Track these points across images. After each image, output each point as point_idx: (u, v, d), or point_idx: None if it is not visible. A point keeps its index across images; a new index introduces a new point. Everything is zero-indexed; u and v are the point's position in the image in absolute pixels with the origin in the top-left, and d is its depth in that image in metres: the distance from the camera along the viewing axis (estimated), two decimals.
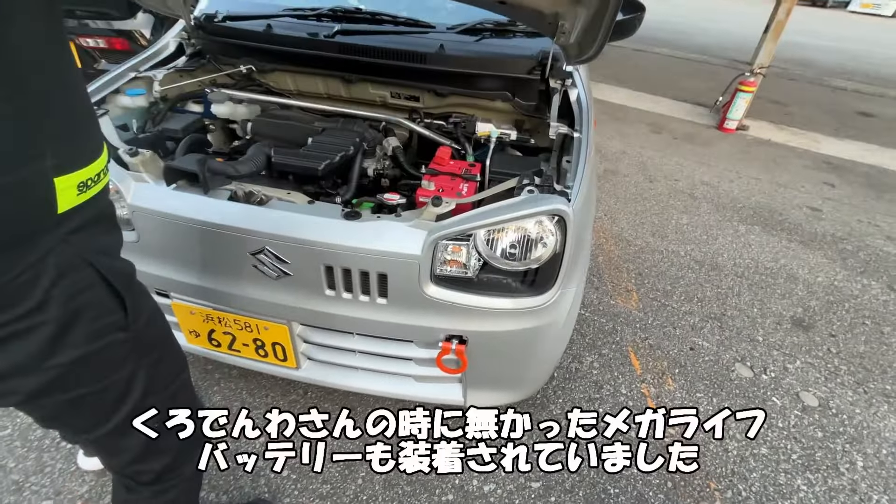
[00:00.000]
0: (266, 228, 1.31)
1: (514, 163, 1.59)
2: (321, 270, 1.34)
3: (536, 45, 1.82)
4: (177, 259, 1.48)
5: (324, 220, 1.31)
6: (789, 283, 2.85)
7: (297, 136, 1.65)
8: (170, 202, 1.36)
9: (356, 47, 1.70)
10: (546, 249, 1.31)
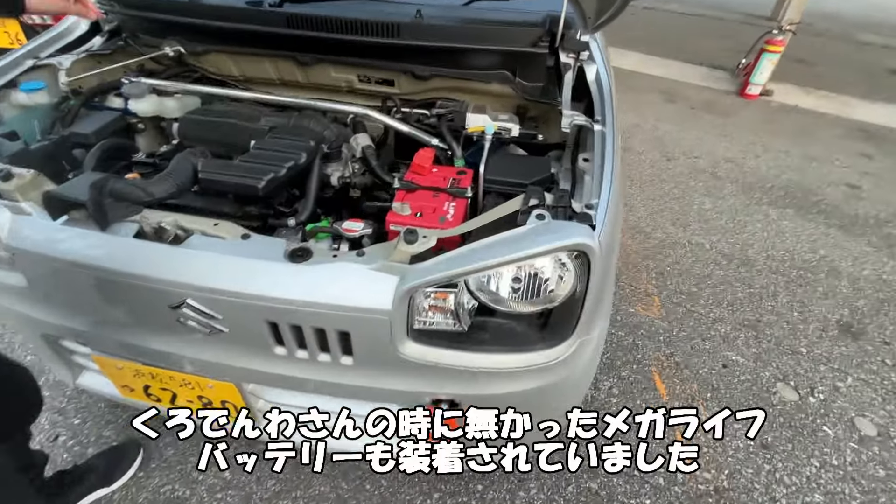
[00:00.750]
0: (184, 277, 0.97)
1: (516, 166, 1.22)
2: (264, 327, 1.01)
3: (541, 6, 1.41)
4: (82, 309, 1.16)
5: (261, 263, 0.97)
6: (832, 279, 2.50)
7: (238, 138, 1.28)
8: (57, 242, 1.02)
9: (309, 19, 1.30)
10: (563, 285, 0.98)
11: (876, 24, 8.51)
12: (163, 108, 1.43)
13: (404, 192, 1.12)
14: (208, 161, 1.16)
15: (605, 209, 1.00)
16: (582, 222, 0.95)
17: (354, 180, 1.36)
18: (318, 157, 1.26)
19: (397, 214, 1.03)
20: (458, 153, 1.27)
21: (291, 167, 1.16)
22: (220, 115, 1.32)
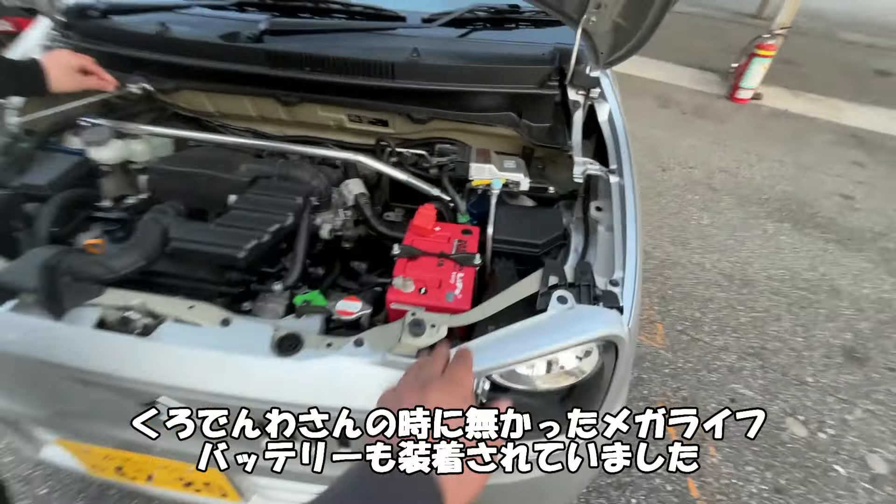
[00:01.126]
0: (154, 375, 0.85)
1: (526, 223, 1.11)
2: (249, 425, 0.88)
3: (547, 39, 1.30)
4: (40, 400, 1.02)
5: (244, 359, 0.84)
6: (833, 300, 2.47)
7: (215, 191, 1.15)
8: (3, 335, 0.88)
9: (291, 57, 1.16)
10: (585, 364, 0.88)
11: (860, 22, 8.57)
12: (130, 152, 1.28)
13: (405, 259, 1.00)
14: (180, 225, 1.03)
15: (634, 286, 0.90)
16: (609, 304, 0.85)
17: (346, 233, 1.24)
18: (307, 211, 1.14)
19: (399, 292, 0.92)
20: (462, 208, 1.15)
21: (277, 231, 1.03)
22: (194, 163, 1.18)
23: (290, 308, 1.10)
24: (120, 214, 1.19)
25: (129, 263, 0.95)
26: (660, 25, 1.04)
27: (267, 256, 1.11)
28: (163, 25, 1.21)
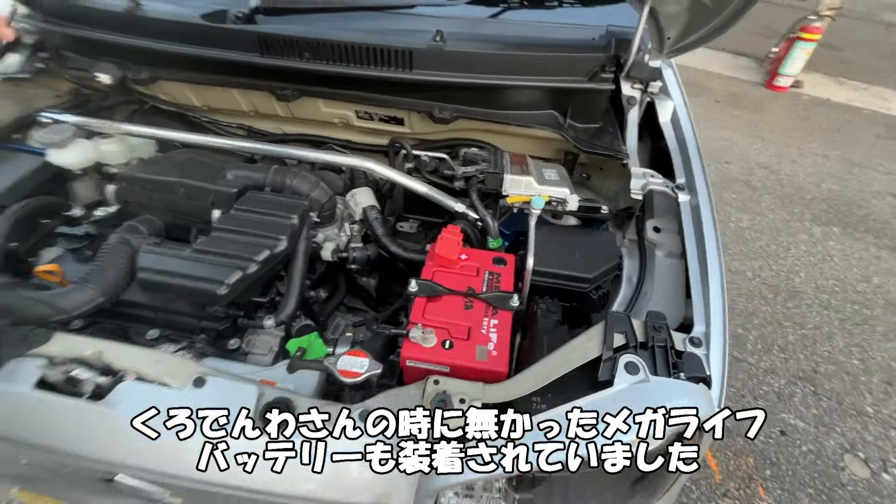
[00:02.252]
0: (109, 452, 0.67)
1: (571, 248, 0.90)
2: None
3: (601, 20, 1.06)
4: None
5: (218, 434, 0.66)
6: (890, 315, 2.22)
7: (195, 205, 0.96)
8: None
9: (290, 41, 0.95)
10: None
11: None
12: (100, 154, 1.09)
13: (424, 300, 0.80)
14: (150, 251, 0.84)
15: (722, 349, 0.69)
16: (691, 374, 0.65)
17: (353, 254, 1.04)
18: (305, 233, 0.94)
19: (416, 346, 0.72)
20: (494, 231, 0.94)
21: (267, 260, 0.84)
22: (172, 170, 0.98)
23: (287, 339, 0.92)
24: (85, 230, 1.01)
25: (83, 301, 0.77)
26: (753, 6, 0.81)
27: (256, 285, 0.92)
28: (134, 1, 1.00)
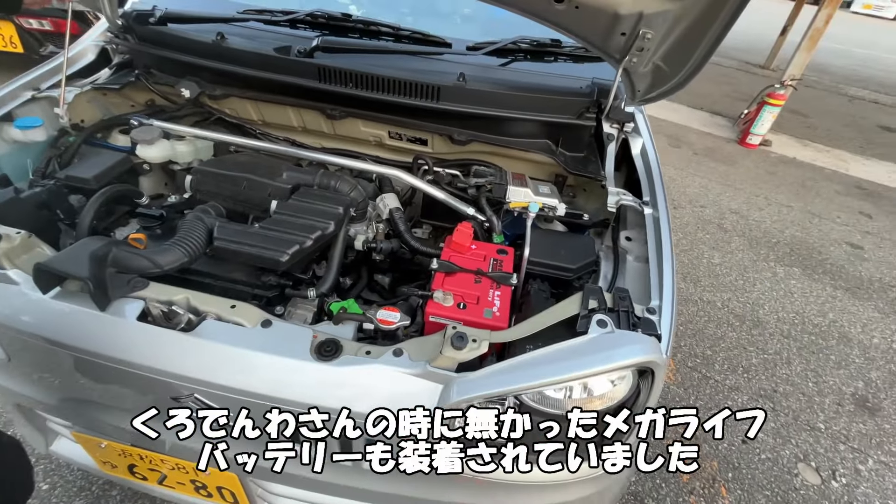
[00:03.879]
0: (193, 372, 0.85)
1: (560, 248, 1.13)
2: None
3: (586, 73, 1.35)
4: (68, 389, 1.02)
5: (284, 361, 0.85)
6: (843, 347, 2.47)
7: (257, 195, 1.17)
8: (46, 321, 0.89)
9: (342, 73, 1.21)
10: (619, 389, 0.89)
11: (864, 78, 8.85)
12: (174, 153, 1.31)
13: (443, 274, 1.01)
14: (225, 226, 1.05)
15: (671, 315, 0.92)
16: (647, 331, 0.87)
17: (380, 245, 1.25)
18: (346, 222, 1.16)
19: (439, 305, 0.93)
20: (498, 228, 1.18)
21: (318, 237, 1.05)
22: (238, 168, 1.21)
23: (318, 315, 1.11)
24: (160, 211, 1.21)
25: (174, 259, 0.97)
26: (698, 74, 1.09)
27: (303, 261, 1.13)
28: (220, 35, 1.26)
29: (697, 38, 0.97)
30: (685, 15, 0.93)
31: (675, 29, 0.98)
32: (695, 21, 0.94)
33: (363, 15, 1.39)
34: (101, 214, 1.18)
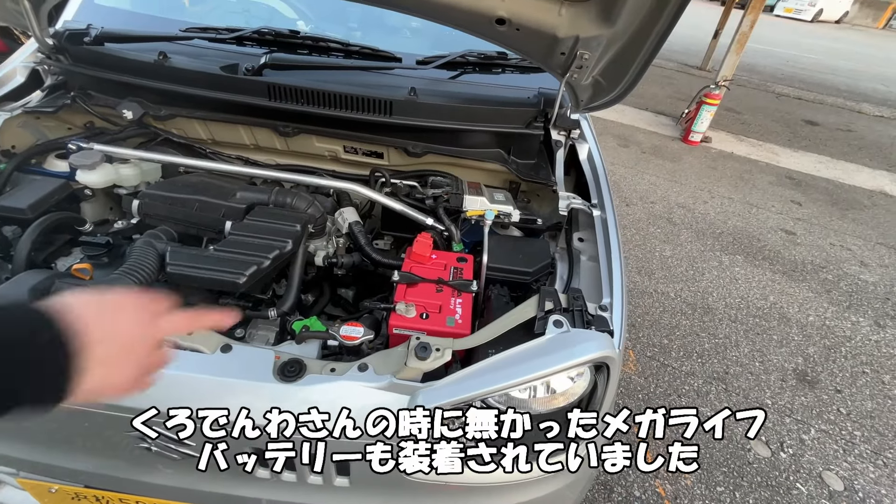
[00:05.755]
0: (149, 400, 0.82)
1: (517, 253, 1.17)
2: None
3: (533, 83, 1.41)
4: (7, 432, 0.96)
5: (247, 384, 0.84)
6: (783, 326, 2.66)
7: (210, 217, 1.15)
8: None
9: (292, 90, 1.21)
10: (578, 385, 0.93)
11: (788, 77, 9.60)
12: (119, 177, 1.27)
13: (405, 286, 1.03)
14: (177, 251, 1.02)
15: (621, 311, 0.97)
16: (600, 328, 0.92)
17: (341, 260, 1.26)
18: (304, 240, 1.16)
19: (401, 317, 0.94)
20: (457, 237, 1.21)
21: (277, 257, 1.04)
22: (188, 189, 1.18)
23: (281, 335, 1.10)
24: (106, 239, 1.16)
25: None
26: (635, 87, 1.17)
27: (262, 282, 1.11)
28: (162, 55, 1.23)
29: (631, 56, 1.04)
30: (617, 38, 1.00)
31: (610, 49, 1.05)
32: (627, 43, 1.01)
33: (311, 31, 1.40)
34: (40, 245, 1.12)
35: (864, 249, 3.60)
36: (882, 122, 7.45)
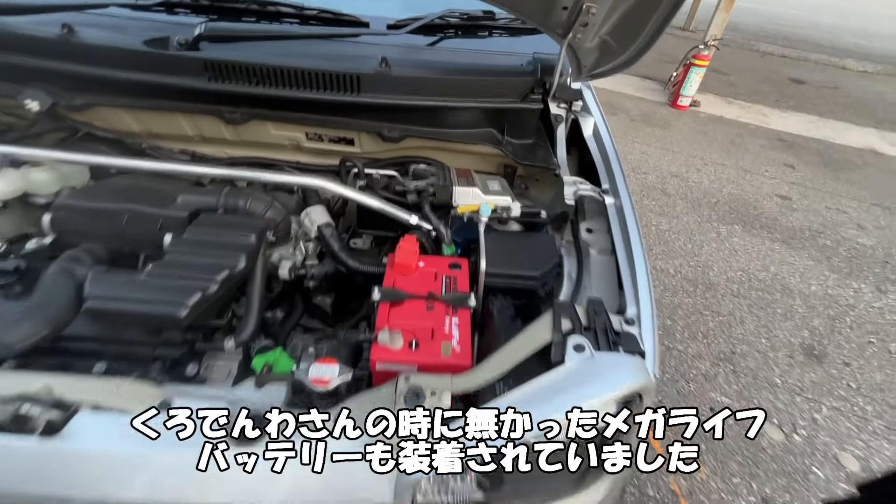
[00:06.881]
0: (65, 490, 0.64)
1: (519, 253, 0.99)
2: None
3: (527, 47, 1.20)
4: None
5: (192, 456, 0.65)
6: (787, 298, 2.57)
7: (144, 231, 0.94)
8: None
9: (237, 67, 0.98)
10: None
11: (771, 34, 9.40)
12: (29, 184, 1.03)
13: (388, 305, 0.84)
14: (99, 279, 0.81)
15: (652, 325, 0.81)
16: (629, 349, 0.75)
17: (311, 271, 1.06)
18: (262, 252, 0.96)
19: (385, 349, 0.76)
20: (448, 239, 1.02)
21: (226, 279, 0.84)
22: (116, 197, 0.96)
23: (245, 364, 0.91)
24: (16, 264, 0.94)
25: (27, 335, 0.73)
26: (650, 48, 0.98)
27: (214, 307, 0.92)
28: (66, 28, 0.98)
29: (648, 11, 0.84)
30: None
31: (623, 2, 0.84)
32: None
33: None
34: None
35: (859, 212, 3.52)
36: (866, 77, 7.37)
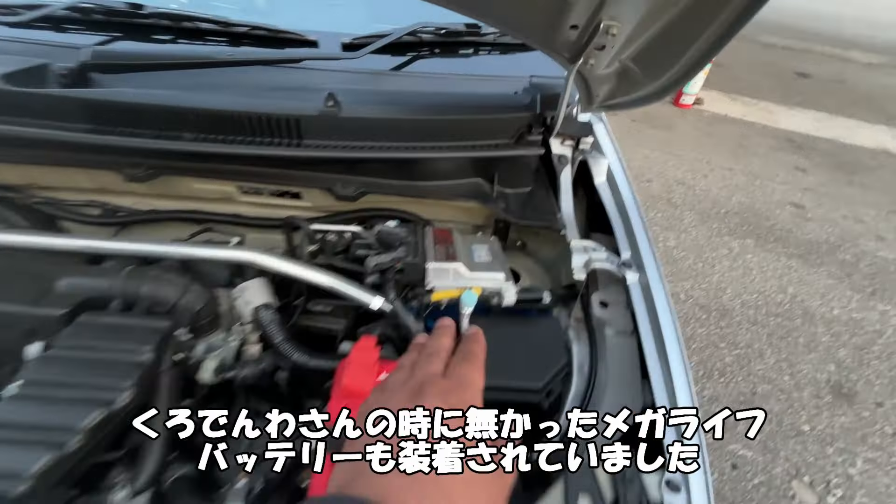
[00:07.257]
0: None
1: (512, 351, 0.74)
2: None
3: (522, 69, 0.94)
4: None
5: None
6: (808, 325, 2.35)
7: (5, 337, 0.69)
8: None
9: (129, 109, 0.72)
10: None
11: (773, 24, 9.09)
12: None
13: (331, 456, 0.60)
14: None
15: (706, 480, 0.57)
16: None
17: (242, 372, 0.81)
18: (167, 362, 0.71)
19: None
20: (419, 330, 0.77)
21: (100, 424, 0.59)
22: None
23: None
24: None
25: None
26: (691, 79, 0.73)
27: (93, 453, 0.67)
28: None
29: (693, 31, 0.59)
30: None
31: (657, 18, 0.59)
32: (691, 6, 0.56)
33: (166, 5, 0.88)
34: None
35: (877, 220, 3.29)
36: (872, 69, 7.12)
